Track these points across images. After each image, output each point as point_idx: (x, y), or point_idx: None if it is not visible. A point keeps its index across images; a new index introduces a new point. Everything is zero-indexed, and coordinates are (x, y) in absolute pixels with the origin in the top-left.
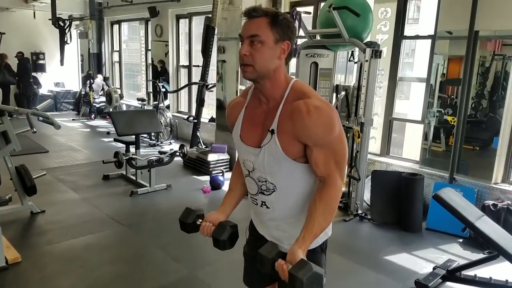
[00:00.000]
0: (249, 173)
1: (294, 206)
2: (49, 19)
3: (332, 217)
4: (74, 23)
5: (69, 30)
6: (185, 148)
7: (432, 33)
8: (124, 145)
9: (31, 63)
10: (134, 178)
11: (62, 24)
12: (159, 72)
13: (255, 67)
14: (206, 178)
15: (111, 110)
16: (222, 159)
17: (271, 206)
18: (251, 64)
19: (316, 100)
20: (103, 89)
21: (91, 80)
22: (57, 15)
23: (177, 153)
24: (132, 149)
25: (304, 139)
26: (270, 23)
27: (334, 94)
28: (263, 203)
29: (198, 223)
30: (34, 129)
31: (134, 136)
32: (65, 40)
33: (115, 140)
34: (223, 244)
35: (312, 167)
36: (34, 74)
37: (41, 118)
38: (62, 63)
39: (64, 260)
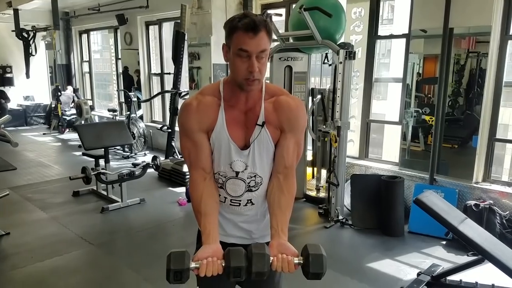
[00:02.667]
0: (237, 174)
1: (266, 194)
2: (12, 31)
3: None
4: (41, 34)
5: (34, 41)
6: (157, 160)
7: (406, 32)
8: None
9: None
10: (105, 193)
11: (26, 36)
12: (132, 81)
13: (261, 79)
14: (182, 189)
15: (82, 122)
16: None
17: (256, 201)
18: (259, 78)
19: (294, 96)
20: (73, 101)
21: (59, 93)
22: (22, 26)
23: (150, 165)
24: (102, 162)
25: (286, 127)
26: (268, 34)
27: (310, 98)
28: (248, 201)
29: (193, 265)
30: None
31: (103, 150)
32: (30, 52)
33: (84, 154)
34: (246, 269)
35: (282, 155)
36: (1, 88)
37: None
38: (28, 76)
39: (28, 286)
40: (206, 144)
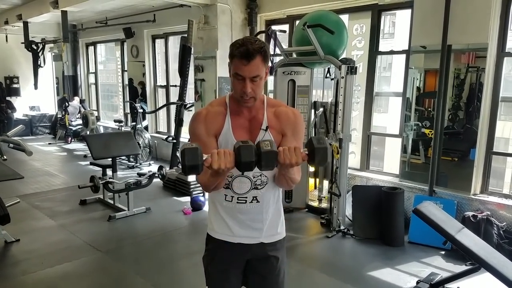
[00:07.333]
0: (243, 172)
1: (273, 194)
2: (22, 43)
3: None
4: (48, 46)
5: (43, 53)
6: (163, 170)
7: (406, 47)
8: (100, 169)
9: (5, 87)
10: (112, 202)
11: (35, 47)
12: (137, 93)
13: (256, 97)
14: (187, 199)
15: (88, 132)
16: None
17: (261, 199)
18: (254, 96)
19: (292, 107)
20: (79, 111)
21: (66, 104)
22: (30, 38)
23: (156, 175)
24: (109, 172)
25: (287, 131)
26: (263, 60)
27: (313, 111)
28: (254, 198)
29: (205, 157)
30: (4, 157)
31: (110, 159)
32: (39, 63)
33: (91, 163)
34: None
35: None
36: (8, 98)
37: (11, 145)
38: (36, 87)
39: None
40: (214, 144)
